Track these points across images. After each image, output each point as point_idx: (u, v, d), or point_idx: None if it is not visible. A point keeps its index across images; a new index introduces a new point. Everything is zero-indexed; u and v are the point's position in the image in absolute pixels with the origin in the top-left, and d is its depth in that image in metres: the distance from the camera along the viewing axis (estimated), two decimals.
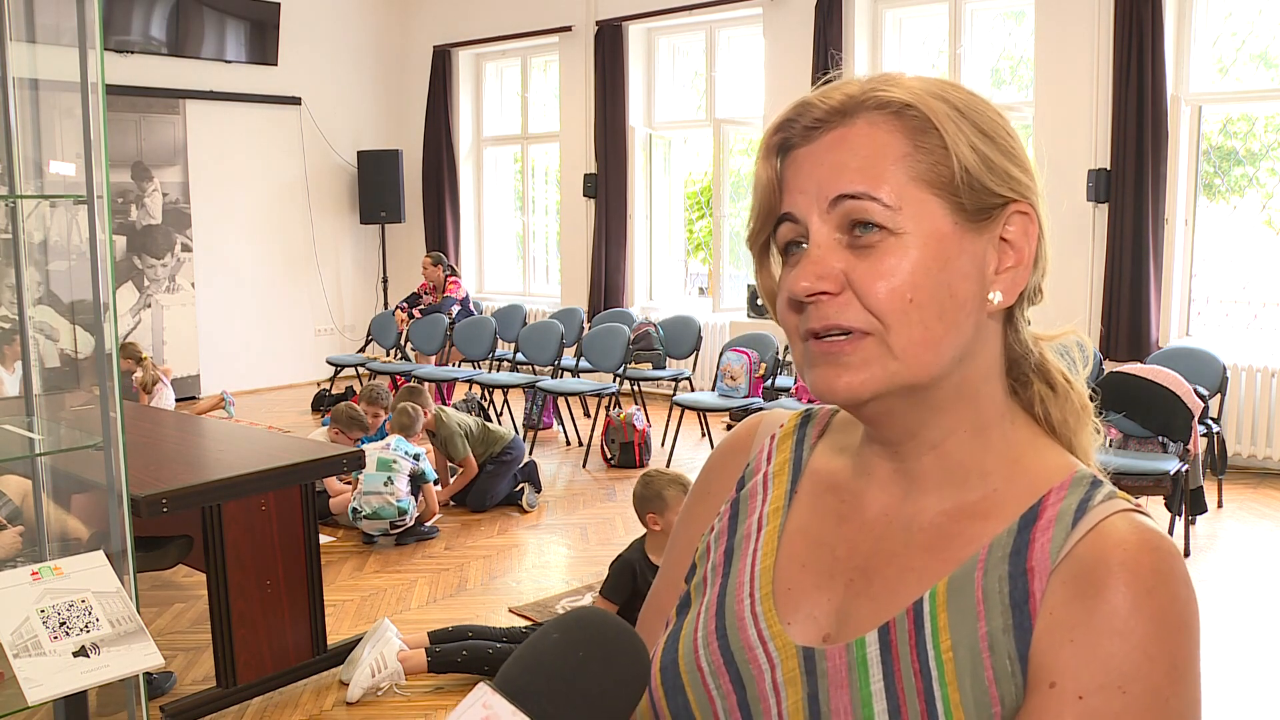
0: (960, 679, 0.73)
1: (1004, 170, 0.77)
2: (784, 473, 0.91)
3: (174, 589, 4.29)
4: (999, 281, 0.78)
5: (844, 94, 0.78)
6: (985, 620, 0.74)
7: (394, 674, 3.38)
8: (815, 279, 0.75)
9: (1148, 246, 6.02)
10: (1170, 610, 0.71)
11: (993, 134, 0.77)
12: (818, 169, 0.77)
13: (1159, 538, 0.73)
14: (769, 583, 0.85)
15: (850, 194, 0.75)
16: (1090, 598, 0.71)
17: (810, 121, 0.78)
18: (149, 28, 8.29)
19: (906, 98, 0.76)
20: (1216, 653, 3.67)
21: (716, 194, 7.86)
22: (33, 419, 2.65)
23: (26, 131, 2.57)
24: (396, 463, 4.94)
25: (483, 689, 0.68)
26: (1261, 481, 5.79)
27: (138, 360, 6.69)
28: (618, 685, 0.70)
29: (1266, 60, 6.12)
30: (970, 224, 0.76)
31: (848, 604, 0.81)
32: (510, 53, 9.54)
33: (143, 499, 2.89)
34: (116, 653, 1.77)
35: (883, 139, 0.76)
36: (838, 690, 0.77)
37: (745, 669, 0.82)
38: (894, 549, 0.81)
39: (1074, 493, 0.77)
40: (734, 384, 6.13)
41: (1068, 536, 0.75)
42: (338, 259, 9.82)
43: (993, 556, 0.76)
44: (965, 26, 6.89)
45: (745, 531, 0.89)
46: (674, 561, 0.95)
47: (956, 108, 0.77)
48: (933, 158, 0.75)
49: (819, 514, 0.87)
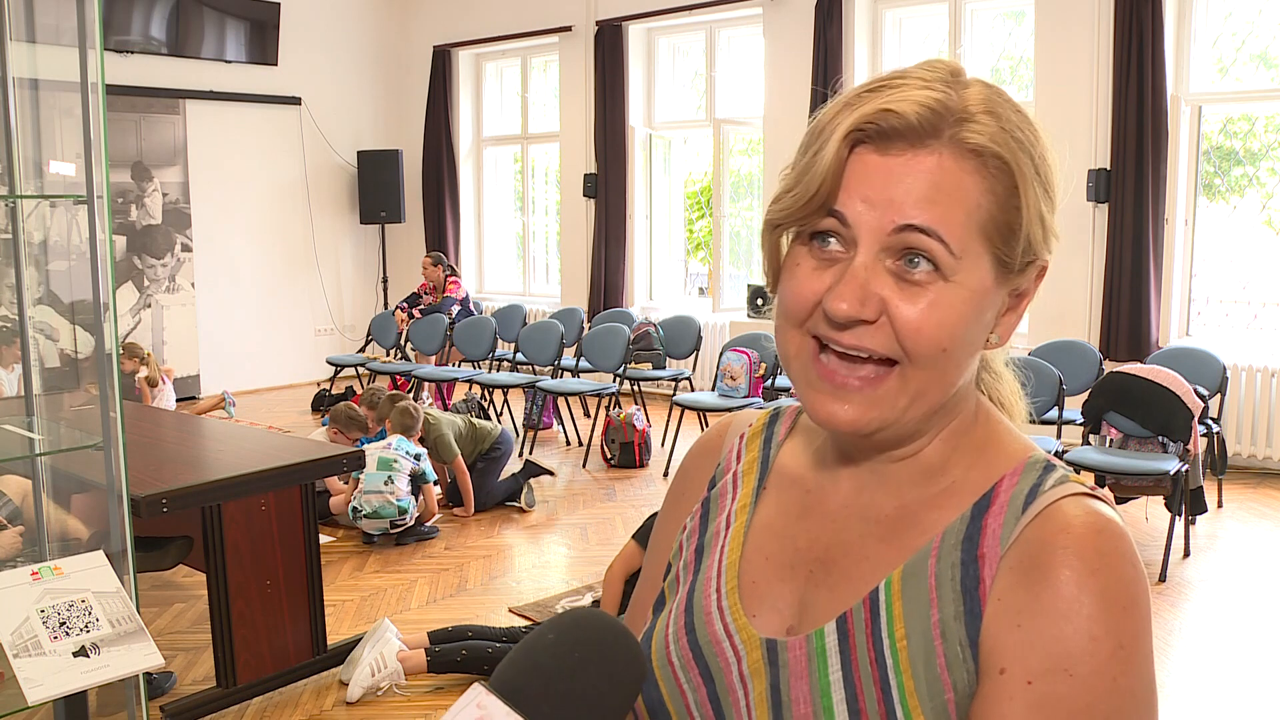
0: (914, 666, 0.74)
1: (1051, 231, 0.79)
2: (752, 471, 0.92)
3: (174, 589, 4.30)
4: (1002, 324, 0.80)
5: (927, 106, 0.74)
6: (938, 607, 0.75)
7: (394, 674, 3.38)
8: (859, 305, 0.74)
9: (1148, 246, 6.02)
10: (1115, 590, 0.71)
11: (1051, 189, 0.78)
12: (891, 186, 0.74)
13: (1104, 519, 0.74)
14: (734, 577, 0.86)
15: (921, 228, 0.73)
16: (1036, 582, 0.72)
17: (889, 128, 0.74)
18: (149, 28, 8.29)
19: (998, 150, 0.74)
20: (1217, 652, 3.67)
21: (716, 194, 7.86)
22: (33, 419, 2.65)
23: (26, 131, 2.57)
24: (397, 462, 4.94)
25: (478, 689, 0.68)
26: (1261, 481, 5.79)
27: (142, 360, 6.69)
28: (614, 685, 0.70)
29: (1266, 60, 6.12)
30: (1005, 279, 0.78)
31: (809, 595, 0.82)
32: (510, 53, 9.54)
33: (143, 499, 2.89)
34: (116, 653, 1.77)
35: (963, 181, 0.74)
36: (798, 680, 0.79)
37: (714, 661, 0.83)
38: (852, 539, 0.82)
39: (1026, 478, 0.78)
40: (734, 384, 6.13)
41: (1017, 522, 0.75)
42: (338, 259, 9.82)
43: (946, 544, 0.77)
44: (965, 26, 6.89)
45: (714, 529, 0.91)
46: (653, 561, 0.97)
47: (1034, 163, 0.76)
48: (999, 212, 0.75)
49: (783, 508, 0.88)
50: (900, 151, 0.74)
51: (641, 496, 5.75)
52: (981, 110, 0.75)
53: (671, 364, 7.28)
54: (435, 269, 8.24)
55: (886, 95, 0.75)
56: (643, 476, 6.18)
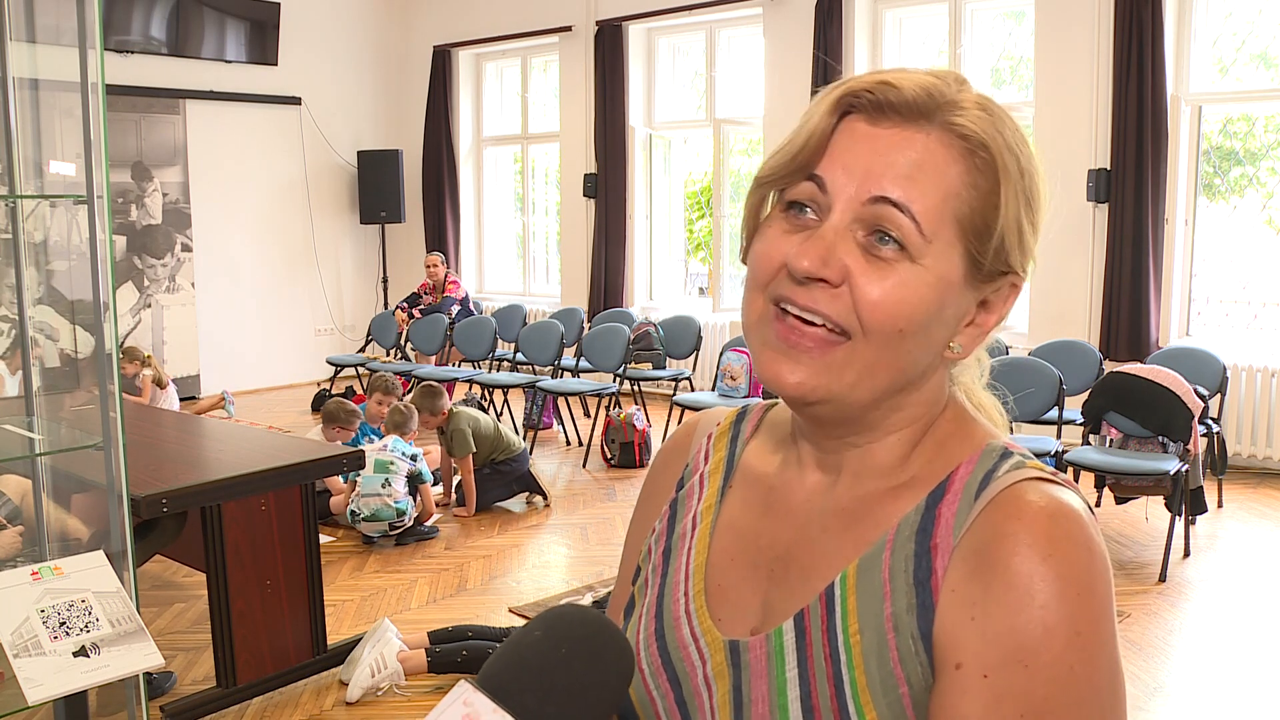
0: (867, 661, 0.73)
1: (1027, 245, 0.77)
2: (719, 471, 0.91)
3: (174, 589, 4.29)
4: (965, 334, 0.79)
5: (925, 88, 0.75)
6: (891, 600, 0.74)
7: (394, 674, 3.38)
8: (820, 263, 0.73)
9: (1148, 246, 6.02)
10: (1067, 576, 0.68)
11: (1035, 206, 0.77)
12: (874, 157, 0.74)
13: (1057, 503, 0.71)
14: (701, 580, 0.86)
15: (895, 201, 0.73)
16: (987, 571, 0.70)
17: (884, 100, 0.74)
18: (149, 28, 8.29)
19: (986, 140, 0.74)
20: (1217, 652, 3.67)
21: (716, 194, 7.86)
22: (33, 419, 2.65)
23: (26, 131, 2.57)
24: (394, 464, 4.94)
25: (464, 686, 0.68)
26: (1261, 481, 5.79)
27: (143, 362, 6.70)
28: (601, 681, 0.70)
29: (1266, 60, 6.12)
30: (974, 281, 0.77)
31: (771, 594, 0.82)
32: (510, 53, 9.54)
33: (143, 499, 2.89)
34: (116, 653, 1.77)
35: (947, 165, 0.74)
36: (758, 680, 0.78)
37: (680, 666, 0.83)
38: (812, 535, 0.81)
39: (981, 465, 0.76)
40: (734, 384, 6.13)
41: (970, 509, 0.74)
42: (338, 259, 9.82)
43: (900, 536, 0.76)
44: (965, 26, 6.89)
45: (681, 531, 0.90)
46: (625, 565, 0.96)
47: (1021, 168, 0.76)
48: (979, 207, 0.75)
49: (747, 507, 0.87)
50: (890, 125, 0.74)
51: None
52: (975, 105, 0.76)
53: (671, 364, 7.28)
54: (443, 267, 8.26)
55: (891, 74, 0.76)
56: (643, 476, 6.15)
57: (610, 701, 0.70)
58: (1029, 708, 0.67)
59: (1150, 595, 4.16)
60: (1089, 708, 0.68)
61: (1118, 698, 0.70)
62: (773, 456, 0.88)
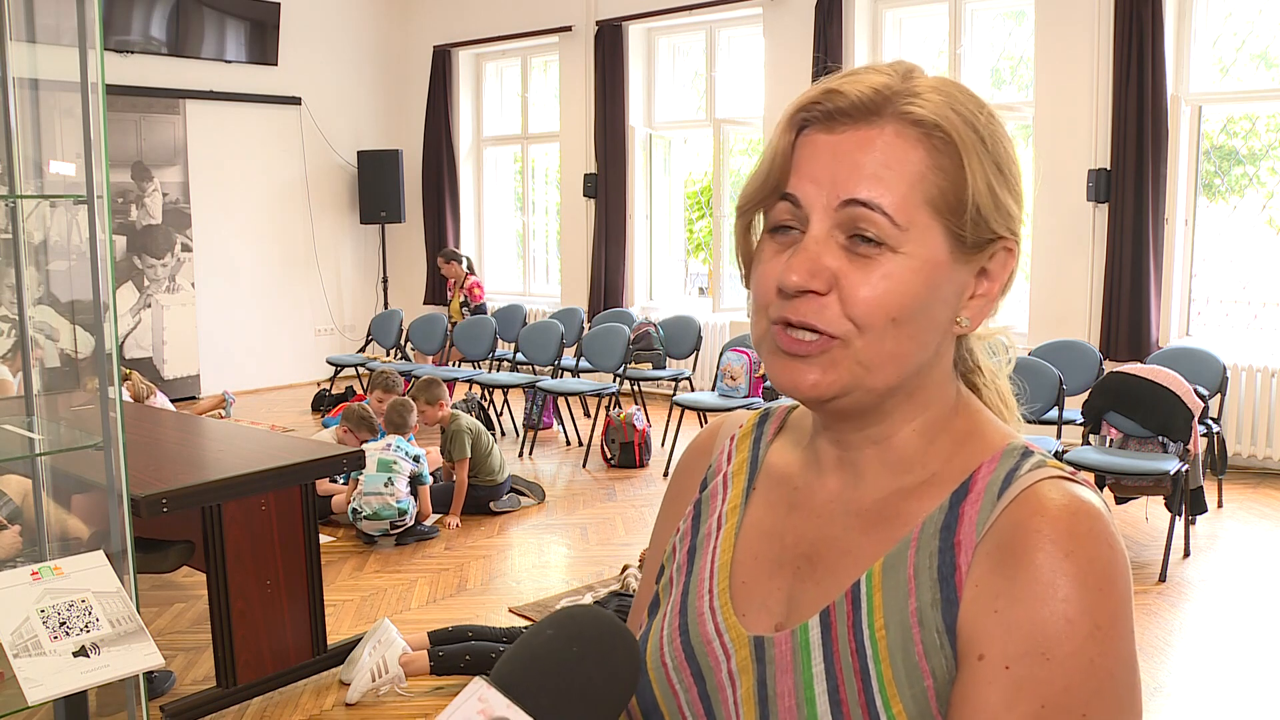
0: (892, 655, 0.75)
1: (1007, 209, 0.79)
2: (742, 471, 0.94)
3: (174, 589, 4.29)
4: (970, 307, 0.81)
5: (872, 87, 0.76)
6: (915, 596, 0.76)
7: (394, 678, 3.38)
8: (808, 276, 0.76)
9: (1148, 246, 6.02)
10: (1089, 572, 0.71)
11: (1006, 170, 0.79)
12: (836, 164, 0.76)
13: (1079, 501, 0.74)
14: (726, 578, 0.87)
15: (864, 202, 0.75)
16: (1011, 566, 0.72)
17: (834, 109, 0.77)
18: (149, 28, 8.29)
19: (939, 120, 0.76)
20: (1217, 652, 3.67)
21: (716, 194, 7.86)
22: (33, 419, 2.65)
23: (26, 131, 2.57)
24: (397, 464, 4.95)
25: (478, 684, 0.69)
26: (1261, 481, 5.79)
27: (124, 378, 6.67)
28: (612, 680, 0.71)
29: (1266, 60, 6.12)
30: (962, 254, 0.78)
31: (796, 591, 0.84)
32: (510, 53, 9.54)
33: (143, 499, 2.89)
34: (116, 653, 1.77)
35: (907, 154, 0.76)
36: (784, 674, 0.80)
37: (704, 661, 0.84)
38: (836, 534, 0.84)
39: (1003, 465, 0.79)
40: (734, 384, 6.13)
41: (993, 507, 0.76)
42: (338, 259, 9.81)
43: (925, 534, 0.78)
44: (965, 26, 6.89)
45: (706, 531, 0.92)
46: (650, 565, 0.98)
47: (982, 139, 0.77)
48: (948, 185, 0.76)
49: (771, 506, 0.89)
50: (845, 129, 0.77)
51: (641, 496, 5.75)
52: (928, 90, 0.77)
53: (671, 364, 7.28)
54: (454, 265, 8.22)
55: (837, 80, 0.78)
56: (643, 476, 6.18)
57: (620, 699, 0.72)
58: (1049, 698, 0.69)
59: (1150, 595, 4.17)
60: (1107, 698, 0.70)
61: (1134, 690, 0.72)
62: (795, 456, 0.91)
